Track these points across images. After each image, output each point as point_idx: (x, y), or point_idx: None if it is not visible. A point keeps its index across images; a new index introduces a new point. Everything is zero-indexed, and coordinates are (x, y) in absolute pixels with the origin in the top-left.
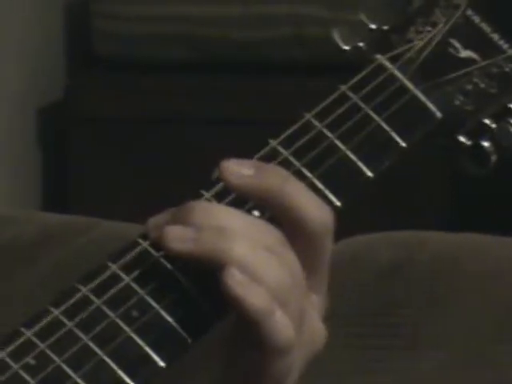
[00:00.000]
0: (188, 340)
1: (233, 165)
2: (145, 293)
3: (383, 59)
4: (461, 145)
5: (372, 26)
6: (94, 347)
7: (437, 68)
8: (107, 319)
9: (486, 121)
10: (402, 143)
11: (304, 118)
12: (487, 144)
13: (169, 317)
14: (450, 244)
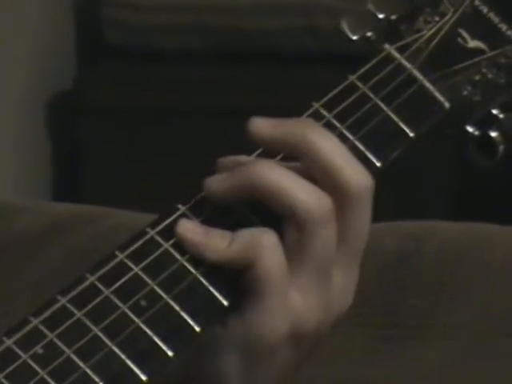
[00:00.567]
0: (197, 330)
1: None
2: (154, 283)
3: (391, 49)
4: (469, 135)
5: (380, 16)
6: (104, 337)
7: (445, 58)
8: (116, 309)
9: (494, 111)
10: (411, 133)
11: (312, 108)
12: (495, 134)
13: (178, 307)
14: (458, 234)
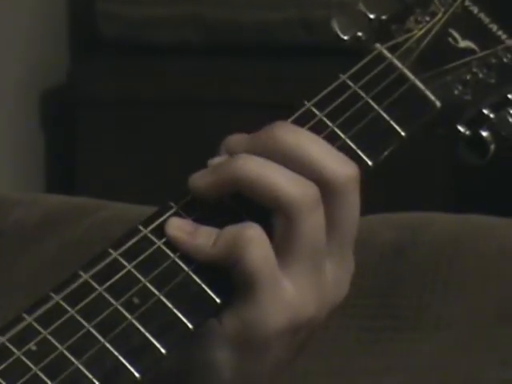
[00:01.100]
0: (189, 327)
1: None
2: (146, 280)
3: (382, 48)
4: (460, 134)
5: (371, 16)
6: (96, 334)
7: (436, 58)
8: (109, 306)
9: (485, 111)
10: (402, 132)
11: (304, 107)
12: (486, 134)
13: (170, 304)
14: (453, 225)
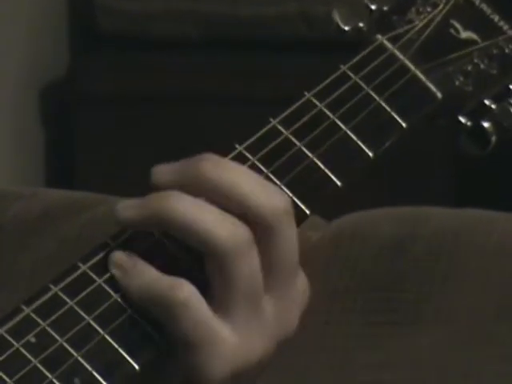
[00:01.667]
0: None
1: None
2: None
3: (383, 39)
4: (461, 125)
5: (372, 7)
6: (96, 326)
7: (437, 49)
8: (109, 298)
9: (487, 101)
10: (403, 123)
11: (304, 97)
12: (487, 125)
13: None
14: (453, 219)
